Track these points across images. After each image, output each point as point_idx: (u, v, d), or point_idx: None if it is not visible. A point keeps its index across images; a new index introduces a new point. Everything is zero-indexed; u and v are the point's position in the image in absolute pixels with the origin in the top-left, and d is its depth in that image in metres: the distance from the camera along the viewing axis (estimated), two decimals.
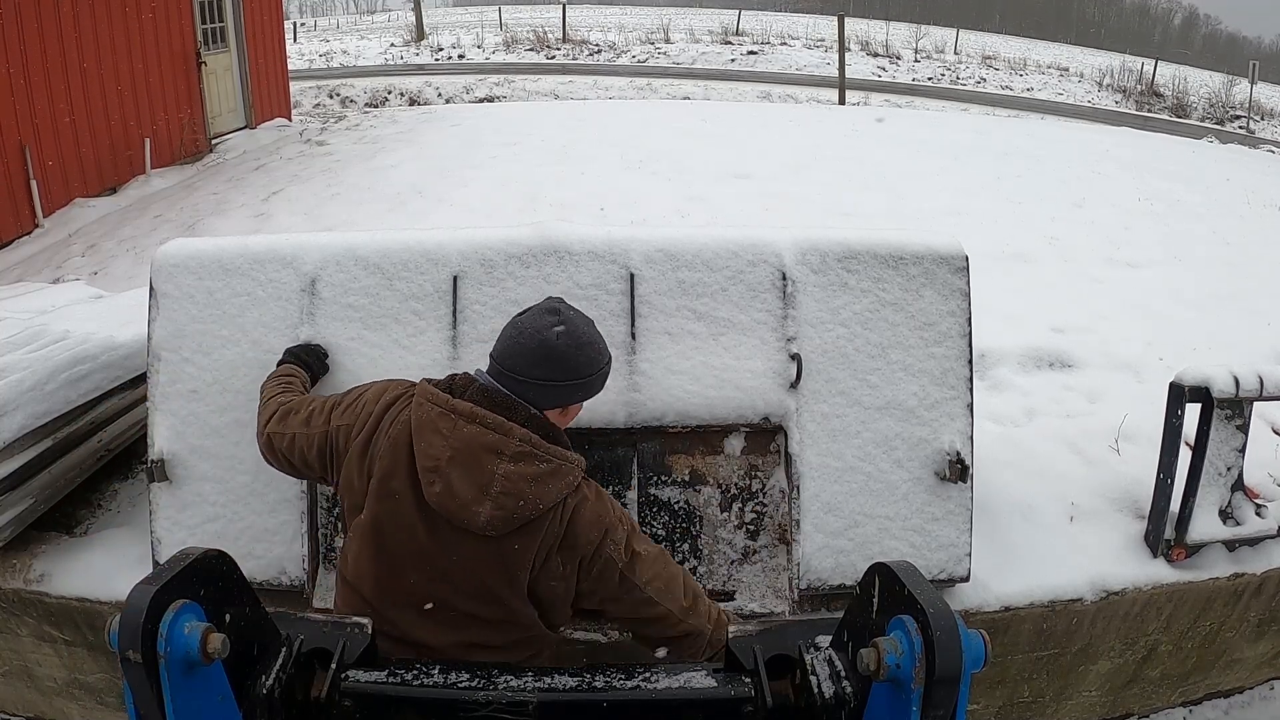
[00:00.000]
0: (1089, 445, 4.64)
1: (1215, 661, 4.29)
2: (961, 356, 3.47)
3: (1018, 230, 7.92)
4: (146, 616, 1.51)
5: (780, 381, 3.35)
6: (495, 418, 2.24)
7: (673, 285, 3.38)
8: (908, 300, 3.45)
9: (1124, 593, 3.77)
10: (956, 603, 3.60)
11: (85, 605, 3.65)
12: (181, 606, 1.57)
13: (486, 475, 2.20)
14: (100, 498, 4.17)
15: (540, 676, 1.92)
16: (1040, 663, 3.90)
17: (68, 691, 4.05)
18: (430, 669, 1.95)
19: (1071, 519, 4.10)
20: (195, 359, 3.38)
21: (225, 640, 1.57)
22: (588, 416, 3.20)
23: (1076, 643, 3.87)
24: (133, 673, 1.54)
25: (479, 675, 1.93)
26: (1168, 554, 3.87)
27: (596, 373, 2.38)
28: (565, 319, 2.32)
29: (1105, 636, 3.90)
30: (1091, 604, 3.72)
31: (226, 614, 1.74)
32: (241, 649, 1.75)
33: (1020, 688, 3.98)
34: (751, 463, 3.39)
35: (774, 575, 3.39)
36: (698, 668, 1.95)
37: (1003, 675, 3.91)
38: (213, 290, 3.39)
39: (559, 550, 2.32)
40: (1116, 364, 5.57)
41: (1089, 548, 3.92)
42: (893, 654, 1.54)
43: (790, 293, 3.39)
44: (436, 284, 3.37)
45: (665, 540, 3.35)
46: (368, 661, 1.98)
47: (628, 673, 1.93)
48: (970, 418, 3.47)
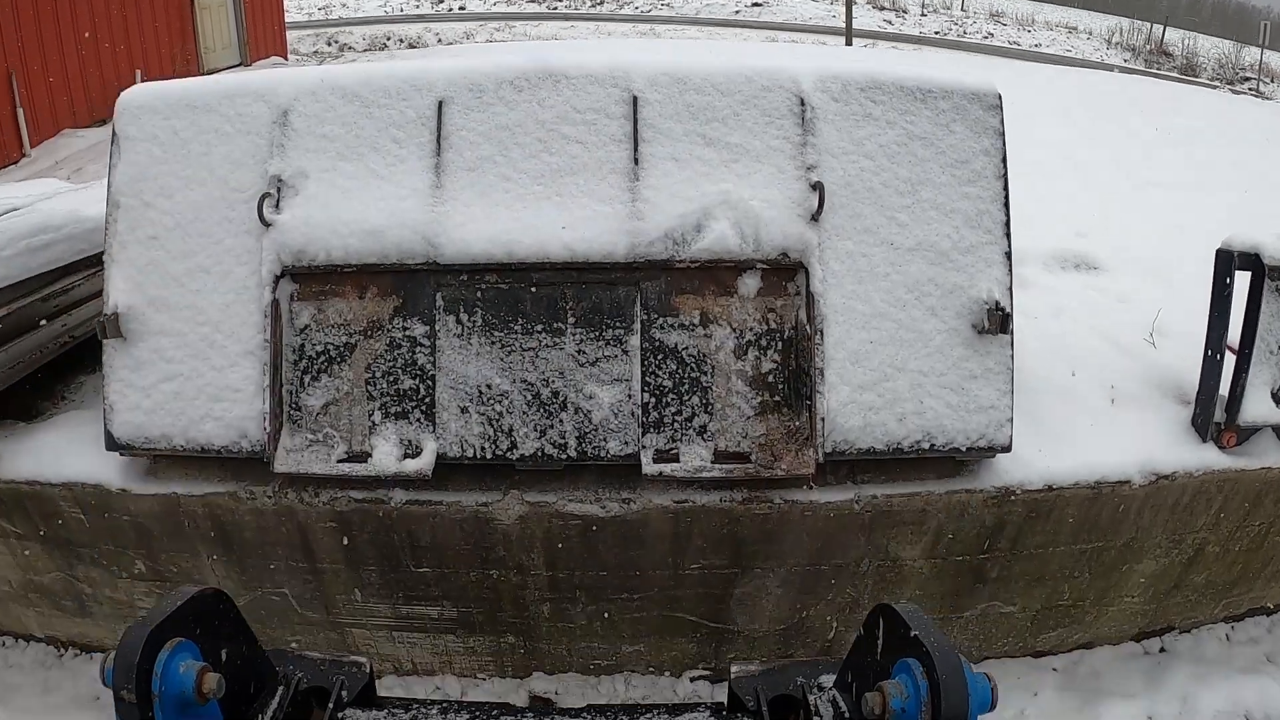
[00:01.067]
0: (1123, 337, 4.35)
1: (1261, 571, 4.00)
2: (997, 199, 3.18)
3: (1033, 148, 7.60)
4: (141, 655, 1.50)
5: (800, 213, 3.02)
6: None
7: (680, 109, 3.08)
8: (938, 135, 3.17)
9: (1174, 477, 3.46)
10: (996, 476, 3.29)
11: (35, 489, 3.37)
12: (177, 645, 1.57)
13: None
14: (65, 389, 3.95)
15: (541, 717, 2.02)
16: (1083, 558, 3.59)
17: (23, 596, 3.78)
18: (429, 710, 1.93)
19: (1113, 401, 3.80)
20: (157, 203, 3.16)
21: (221, 680, 1.57)
22: (584, 248, 2.93)
23: (1122, 535, 3.57)
24: (126, 712, 1.52)
25: (477, 715, 1.92)
26: (1218, 438, 3.57)
27: None
28: None
29: (1152, 530, 3.60)
30: (1140, 488, 3.42)
31: (223, 652, 1.74)
32: (237, 688, 1.75)
33: (1060, 587, 3.67)
34: (768, 305, 3.05)
35: (795, 435, 3.04)
36: (701, 709, 1.96)
37: (1042, 571, 3.59)
38: (178, 129, 3.18)
39: None
40: (1143, 269, 5.29)
41: (1134, 430, 3.63)
42: (898, 698, 1.55)
43: (809, 119, 3.08)
44: (420, 110, 3.09)
45: (672, 391, 3.01)
46: (366, 700, 1.98)
47: (630, 714, 1.93)
48: (1008, 266, 3.17)
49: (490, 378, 2.97)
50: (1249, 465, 3.55)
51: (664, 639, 3.50)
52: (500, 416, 2.98)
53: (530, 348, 2.98)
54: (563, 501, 3.11)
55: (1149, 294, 4.86)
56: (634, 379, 2.99)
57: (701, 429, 3.00)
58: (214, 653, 1.69)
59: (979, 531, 3.36)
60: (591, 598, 3.39)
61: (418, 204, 2.97)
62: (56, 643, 3.95)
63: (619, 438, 3.00)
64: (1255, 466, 3.56)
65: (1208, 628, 4.18)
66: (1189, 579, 3.86)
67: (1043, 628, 3.79)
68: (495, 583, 3.35)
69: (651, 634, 3.49)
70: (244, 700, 1.79)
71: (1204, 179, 7.37)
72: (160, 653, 1.53)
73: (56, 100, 9.88)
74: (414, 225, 2.96)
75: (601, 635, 3.51)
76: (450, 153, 3.03)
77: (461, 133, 3.04)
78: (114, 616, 3.72)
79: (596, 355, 2.99)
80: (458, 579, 3.35)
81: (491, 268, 2.97)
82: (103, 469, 3.31)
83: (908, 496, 3.20)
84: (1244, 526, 3.74)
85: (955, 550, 3.41)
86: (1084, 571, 3.65)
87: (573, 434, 2.99)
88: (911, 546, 3.35)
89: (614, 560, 3.26)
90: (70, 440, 3.45)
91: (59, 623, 3.85)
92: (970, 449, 3.14)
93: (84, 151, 9.36)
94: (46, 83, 9.68)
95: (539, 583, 3.35)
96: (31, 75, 9.43)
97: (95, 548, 3.48)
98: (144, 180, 3.17)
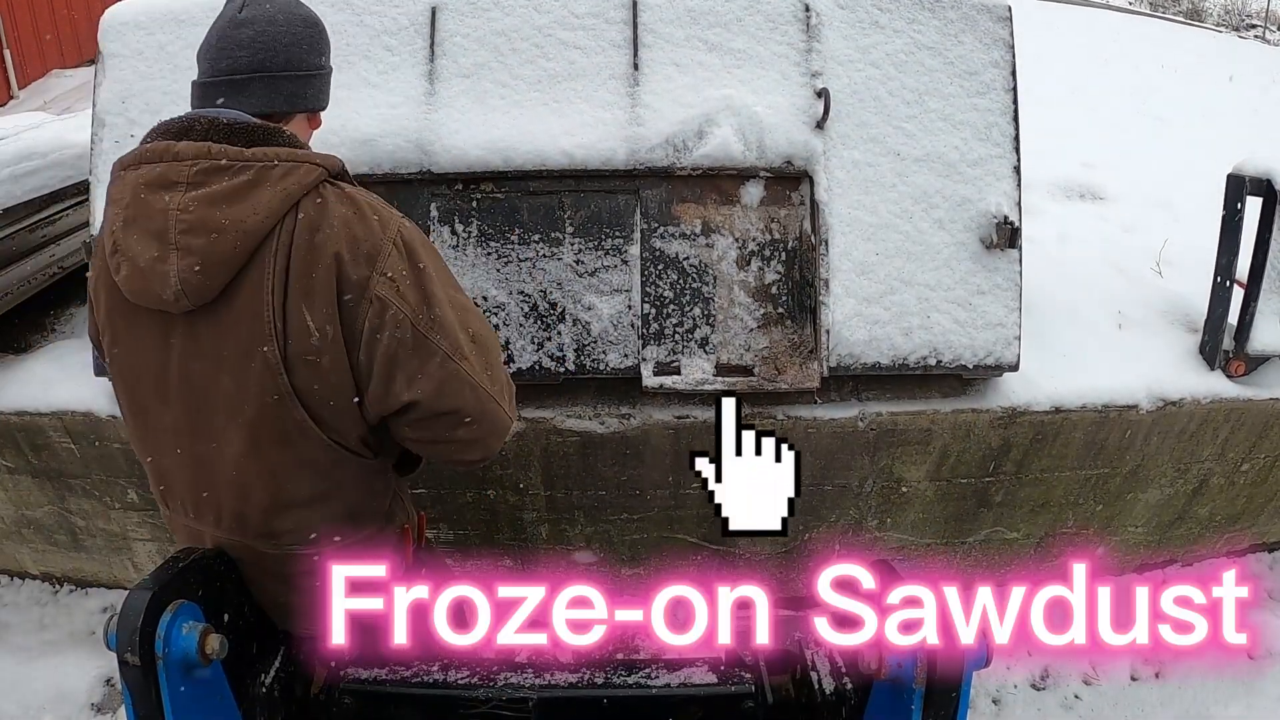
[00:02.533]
0: (1130, 265, 4.29)
1: (1265, 505, 3.96)
2: (1006, 112, 3.10)
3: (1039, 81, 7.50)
4: (144, 618, 1.49)
5: (805, 120, 2.94)
6: (162, 145, 1.63)
7: (681, 14, 2.99)
8: (946, 45, 3.08)
9: (1181, 403, 3.40)
10: (1004, 397, 3.24)
11: (25, 420, 3.31)
12: (179, 607, 1.55)
13: (160, 217, 1.58)
14: (55, 321, 3.89)
15: (540, 673, 1.90)
16: (1089, 484, 3.54)
17: (17, 533, 3.74)
18: (430, 665, 1.91)
19: (1120, 326, 3.74)
20: (143, 120, 3.06)
21: (224, 640, 1.55)
22: (582, 155, 2.84)
23: (1128, 462, 3.52)
24: (131, 675, 1.52)
25: (478, 672, 1.90)
26: (1225, 366, 3.52)
27: (294, 51, 1.79)
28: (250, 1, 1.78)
29: (1158, 458, 3.55)
30: (1147, 413, 3.36)
31: (225, 613, 1.74)
32: (240, 648, 1.74)
33: (1064, 514, 3.63)
34: (771, 215, 2.97)
35: (799, 348, 2.98)
36: (698, 664, 1.93)
37: (1047, 497, 3.54)
38: (164, 44, 3.09)
39: (297, 292, 1.63)
40: (1150, 200, 5.21)
41: (1142, 355, 3.58)
42: (894, 655, 1.54)
43: (814, 25, 2.99)
44: (412, 17, 3.00)
45: (673, 303, 2.93)
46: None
47: (628, 669, 1.91)
48: (1017, 180, 3.10)
49: (486, 289, 2.90)
50: (1257, 395, 3.51)
51: (664, 562, 3.46)
52: (496, 329, 2.91)
53: (527, 258, 2.90)
54: (560, 417, 3.05)
55: (1155, 225, 4.79)
56: (634, 289, 2.92)
57: (703, 341, 2.93)
58: (216, 614, 1.68)
59: (984, 453, 3.31)
60: (590, 519, 3.34)
61: (411, 111, 2.88)
62: (51, 579, 3.93)
63: (618, 350, 2.93)
64: (1263, 397, 3.51)
65: (1209, 563, 4.14)
66: (1193, 511, 3.83)
67: (1046, 556, 3.74)
68: (492, 504, 3.30)
69: (651, 556, 3.44)
70: (246, 661, 1.78)
71: (1209, 116, 7.29)
72: (163, 615, 1.52)
73: (44, 41, 9.72)
74: (407, 133, 2.87)
75: (600, 558, 3.46)
76: (444, 59, 2.94)
77: (456, 39, 2.94)
78: (107, 549, 3.69)
79: (595, 265, 2.91)
80: (454, 500, 3.29)
81: (488, 176, 2.88)
82: (92, 396, 3.24)
83: (913, 415, 3.15)
84: (1249, 458, 3.70)
85: (960, 472, 3.36)
86: (1090, 498, 3.61)
87: (571, 346, 2.92)
88: (916, 467, 3.30)
89: (613, 479, 3.21)
90: (59, 369, 3.39)
91: (53, 558, 3.82)
92: (978, 366, 3.07)
93: (73, 91, 9.22)
94: (33, 23, 9.51)
95: (536, 503, 3.30)
96: (18, 15, 9.28)
97: (86, 478, 3.43)
98: (130, 97, 3.08)
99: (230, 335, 1.63)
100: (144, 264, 1.58)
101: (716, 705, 1.84)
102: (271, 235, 1.60)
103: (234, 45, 1.71)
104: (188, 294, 1.58)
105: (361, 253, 1.64)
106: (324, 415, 1.70)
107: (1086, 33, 10.64)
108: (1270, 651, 3.68)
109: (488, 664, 1.90)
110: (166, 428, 1.74)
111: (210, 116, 1.66)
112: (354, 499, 1.86)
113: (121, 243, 1.61)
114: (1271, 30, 18.61)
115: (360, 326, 1.64)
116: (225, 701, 1.65)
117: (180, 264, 1.56)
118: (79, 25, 10.20)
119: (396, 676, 1.87)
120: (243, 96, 1.71)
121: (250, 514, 1.76)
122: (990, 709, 3.52)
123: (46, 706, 3.40)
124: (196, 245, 1.56)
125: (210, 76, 1.73)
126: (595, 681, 1.85)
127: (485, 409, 1.76)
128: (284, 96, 1.76)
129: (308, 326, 1.62)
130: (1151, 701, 3.57)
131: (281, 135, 1.70)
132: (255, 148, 1.62)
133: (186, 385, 1.69)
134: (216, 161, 1.58)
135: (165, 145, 1.61)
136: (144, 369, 1.72)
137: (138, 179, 1.61)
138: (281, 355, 1.62)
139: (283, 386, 1.64)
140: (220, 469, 1.73)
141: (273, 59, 1.74)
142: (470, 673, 1.87)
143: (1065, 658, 3.60)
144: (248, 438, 1.68)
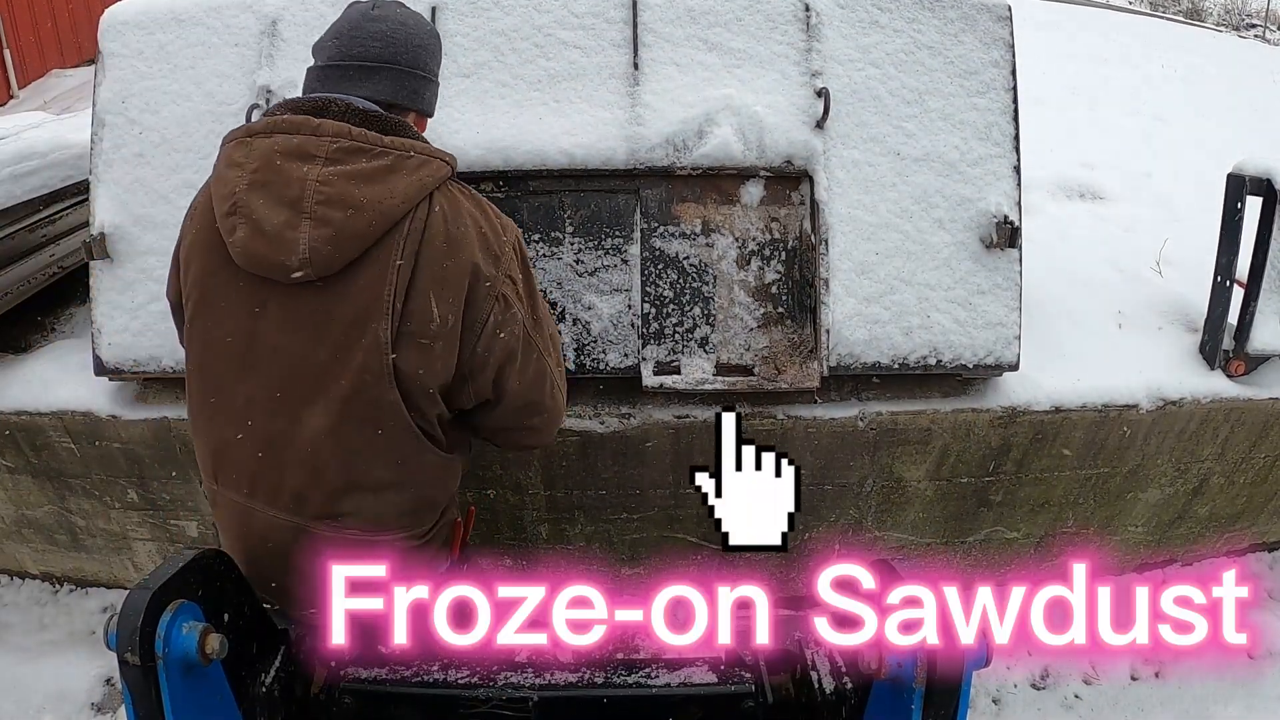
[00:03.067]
0: (1129, 264, 4.28)
1: (1265, 505, 3.96)
2: (1006, 111, 3.10)
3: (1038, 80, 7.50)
4: (144, 618, 1.48)
5: (804, 119, 2.94)
6: (300, 118, 1.70)
7: (681, 13, 3.00)
8: (946, 45, 3.08)
9: (1181, 403, 3.40)
10: (1004, 396, 3.24)
11: (25, 420, 3.32)
12: (179, 607, 1.54)
13: (297, 186, 1.64)
14: (55, 321, 3.89)
15: (540, 673, 1.89)
16: (1088, 484, 3.54)
17: (17, 533, 3.74)
18: (430, 665, 1.91)
19: (1120, 326, 3.75)
20: (142, 119, 3.09)
21: (224, 640, 1.55)
22: (582, 154, 2.85)
23: (1128, 462, 3.52)
24: (131, 675, 1.51)
25: (478, 672, 1.90)
26: (1225, 366, 3.52)
27: (421, 53, 1.92)
28: (380, 2, 1.91)
29: (1158, 458, 3.55)
30: (1147, 413, 3.36)
31: (225, 613, 1.73)
32: (240, 648, 1.74)
33: (1064, 513, 3.63)
34: (771, 215, 2.97)
35: (799, 347, 2.98)
36: (698, 663, 1.93)
37: (1047, 496, 3.54)
38: (164, 44, 3.10)
39: (426, 278, 1.72)
40: (1150, 200, 5.20)
41: (1142, 354, 3.58)
42: (894, 655, 1.53)
43: (814, 24, 3.00)
44: None
45: (673, 302, 2.94)
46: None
47: (628, 669, 1.91)
48: (1017, 180, 3.10)
49: None
50: (1257, 395, 3.50)
51: (664, 561, 3.45)
52: None
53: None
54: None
55: (1155, 224, 4.78)
56: (634, 289, 2.92)
57: (703, 341, 2.93)
58: (216, 614, 1.67)
59: (984, 453, 3.31)
60: (590, 518, 3.34)
61: None
62: (51, 579, 3.92)
63: (618, 350, 2.94)
64: (1263, 397, 3.50)
65: (1209, 562, 4.13)
66: (1193, 510, 3.82)
67: (1046, 556, 3.74)
68: (492, 503, 3.30)
69: (651, 556, 3.44)
70: (246, 661, 1.77)
71: (1209, 116, 7.27)
72: (163, 615, 1.51)
73: (44, 40, 9.73)
74: None
75: (600, 558, 3.46)
76: (444, 59, 2.90)
77: (455, 38, 2.94)
78: (107, 549, 3.69)
79: (595, 265, 2.92)
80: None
81: (487, 175, 2.88)
82: (91, 396, 3.26)
83: (913, 414, 3.15)
84: (1249, 458, 3.70)
85: (960, 472, 3.36)
86: (1090, 498, 3.61)
87: (571, 346, 2.92)
88: (916, 467, 3.30)
89: (613, 478, 3.21)
90: (59, 369, 3.40)
91: (53, 558, 3.82)
92: (978, 365, 3.07)
93: (72, 91, 9.22)
94: (34, 22, 9.52)
95: (537, 503, 3.30)
96: (18, 15, 9.28)
97: (86, 478, 3.43)
98: (129, 97, 3.10)
99: (339, 309, 1.70)
100: (269, 228, 1.64)
101: (716, 705, 1.84)
102: (404, 220, 1.69)
103: (367, 36, 1.82)
104: (314, 262, 1.65)
105: (490, 252, 1.78)
106: (415, 398, 1.78)
107: (1086, 32, 10.63)
108: (1270, 651, 3.68)
109: (488, 664, 1.90)
110: (238, 401, 1.79)
111: (345, 100, 1.75)
112: (424, 491, 1.96)
113: (245, 204, 1.66)
114: (1271, 30, 18.63)
115: (484, 320, 1.77)
116: (225, 701, 1.65)
117: (313, 233, 1.63)
118: (79, 25, 10.22)
119: (396, 676, 1.87)
120: (370, 83, 1.82)
121: (314, 495, 1.82)
122: (990, 709, 3.52)
123: (46, 706, 3.40)
124: (335, 218, 1.63)
125: (340, 60, 1.82)
126: (595, 681, 1.86)
127: (557, 402, 1.99)
128: (408, 91, 1.88)
129: (431, 311, 1.71)
130: (1151, 701, 3.57)
131: (410, 129, 1.81)
132: (390, 136, 1.72)
133: (274, 356, 1.74)
134: (357, 143, 1.68)
135: (304, 119, 1.69)
136: (226, 338, 1.77)
137: (272, 146, 1.67)
138: (393, 334, 1.70)
139: (386, 365, 1.71)
140: (294, 446, 1.78)
141: (403, 54, 1.85)
142: (470, 672, 1.88)
143: (1065, 657, 3.61)
144: (336, 413, 1.75)
